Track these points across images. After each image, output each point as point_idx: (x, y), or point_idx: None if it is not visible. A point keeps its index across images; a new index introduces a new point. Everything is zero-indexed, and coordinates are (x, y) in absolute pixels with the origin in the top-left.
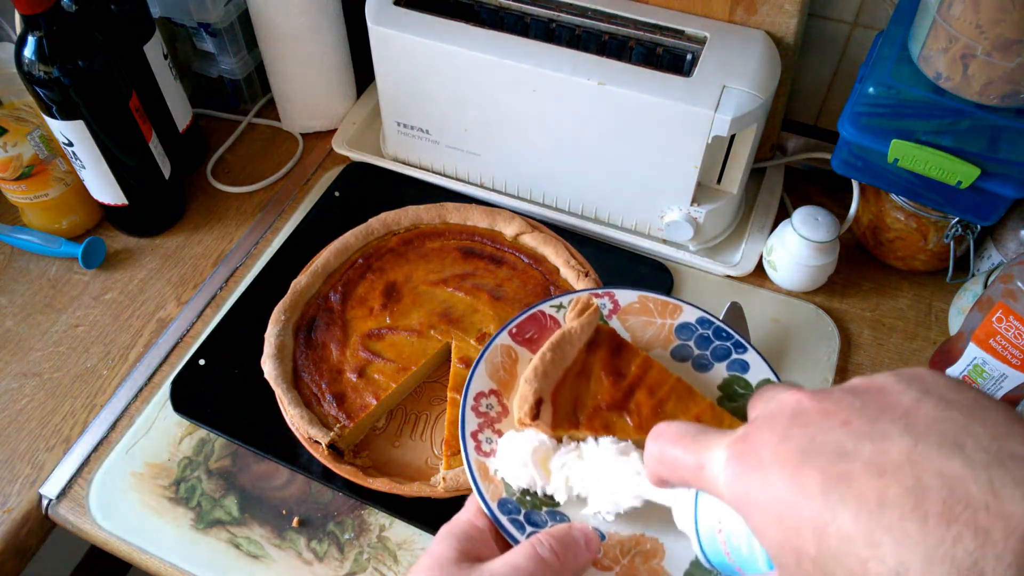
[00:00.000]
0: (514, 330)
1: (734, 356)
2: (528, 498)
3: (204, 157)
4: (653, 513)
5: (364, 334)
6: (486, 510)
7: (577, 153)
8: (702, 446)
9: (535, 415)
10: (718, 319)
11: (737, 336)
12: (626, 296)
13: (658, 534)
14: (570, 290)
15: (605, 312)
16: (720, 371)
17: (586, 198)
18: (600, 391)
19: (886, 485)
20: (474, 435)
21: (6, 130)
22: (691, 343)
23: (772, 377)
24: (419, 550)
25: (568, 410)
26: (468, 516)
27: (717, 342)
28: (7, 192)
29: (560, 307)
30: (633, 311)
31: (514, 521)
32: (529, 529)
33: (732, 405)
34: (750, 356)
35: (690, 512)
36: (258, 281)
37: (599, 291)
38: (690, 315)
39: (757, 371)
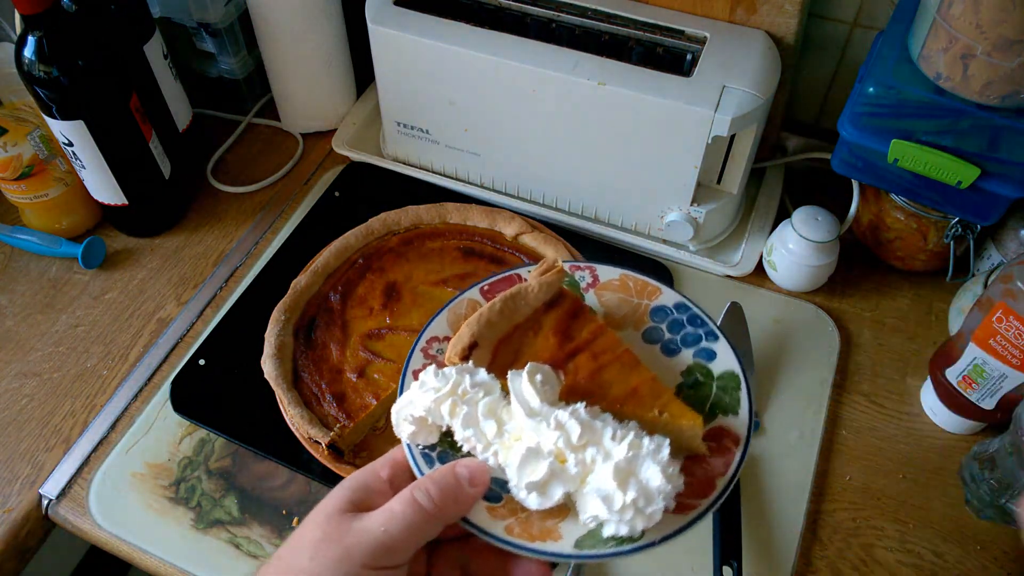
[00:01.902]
0: (486, 287)
1: (703, 344)
2: (448, 439)
3: (204, 157)
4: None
5: (364, 334)
6: (404, 445)
7: (577, 153)
8: None
9: (464, 356)
10: (696, 306)
11: (711, 324)
12: (607, 272)
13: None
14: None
15: (583, 285)
16: (686, 357)
17: (586, 198)
18: (543, 348)
19: None
20: (415, 374)
21: (6, 130)
22: (663, 326)
23: (736, 367)
24: None
25: (506, 362)
26: (374, 465)
27: (689, 328)
28: (7, 192)
29: None
30: (612, 287)
31: (426, 456)
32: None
33: (691, 392)
34: (719, 346)
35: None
36: (258, 281)
37: (581, 263)
38: (668, 299)
39: (723, 360)
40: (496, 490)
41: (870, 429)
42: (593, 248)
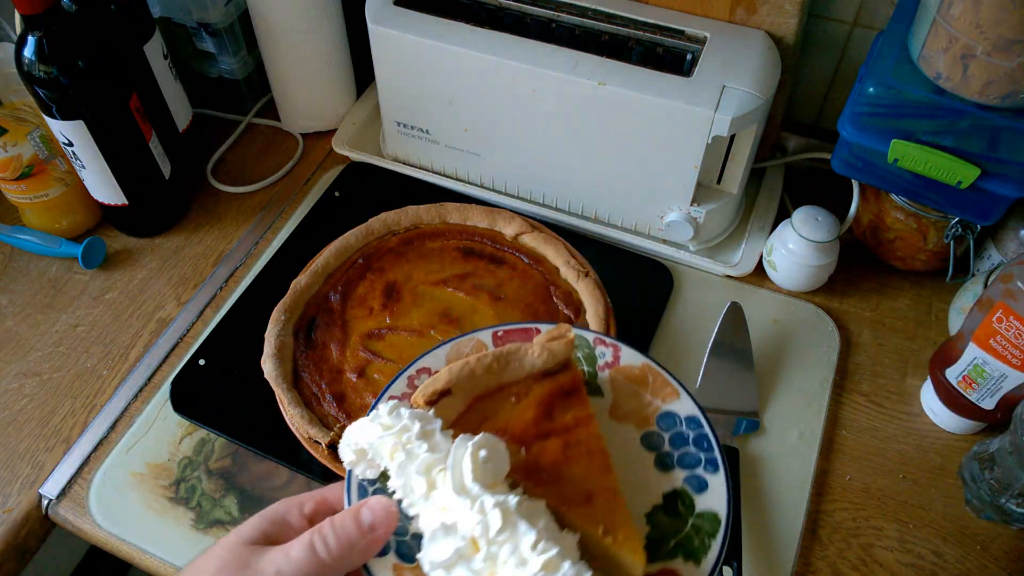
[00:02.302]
0: (500, 333)
1: (699, 471)
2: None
3: (204, 157)
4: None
5: (364, 334)
6: (346, 471)
7: (577, 153)
8: None
9: (432, 401)
10: (709, 425)
11: (716, 452)
12: (631, 356)
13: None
14: (586, 327)
15: (600, 362)
16: (676, 478)
17: (586, 198)
18: (518, 419)
19: None
20: (391, 398)
21: (6, 130)
22: (667, 435)
23: (723, 512)
24: None
25: (476, 420)
26: (301, 498)
27: (692, 448)
28: (7, 192)
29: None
30: (630, 375)
31: (362, 489)
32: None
33: (663, 520)
34: (715, 479)
35: None
36: (258, 281)
37: (608, 340)
38: (682, 407)
39: (713, 498)
40: (412, 549)
41: (870, 429)
42: (593, 248)
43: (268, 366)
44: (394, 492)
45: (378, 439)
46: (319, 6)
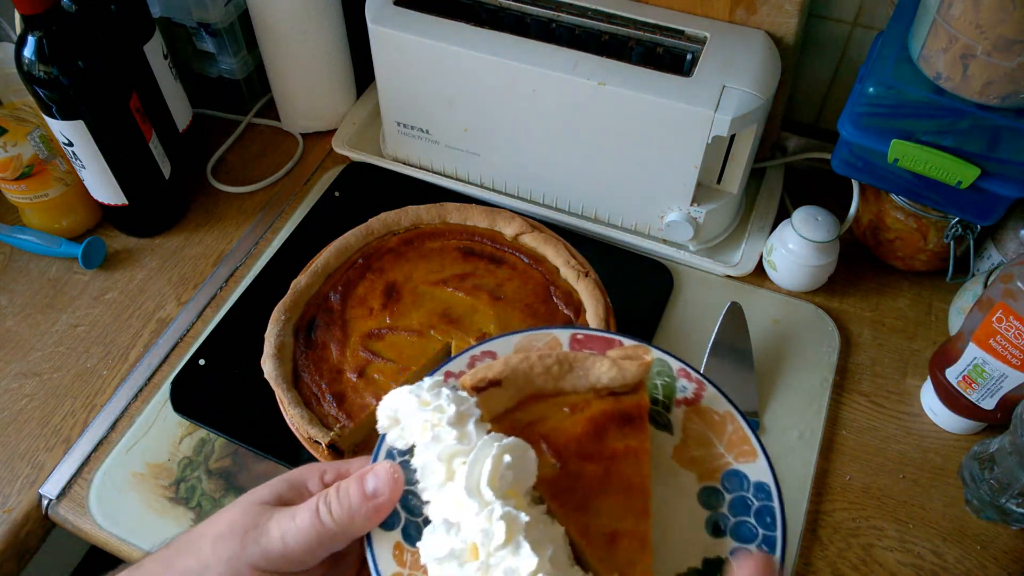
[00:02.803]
0: (580, 336)
1: (751, 547)
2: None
3: (204, 157)
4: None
5: (364, 334)
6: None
7: (577, 153)
8: None
9: (479, 388)
10: (780, 498)
11: (779, 532)
12: (714, 398)
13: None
14: (667, 353)
15: (678, 396)
16: (724, 547)
17: (586, 198)
18: (564, 431)
19: None
20: (447, 374)
21: (6, 130)
22: (728, 497)
23: None
24: None
25: (522, 420)
26: (323, 464)
27: (752, 520)
28: (7, 192)
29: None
30: (707, 418)
31: (390, 456)
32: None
33: None
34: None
35: None
36: (258, 281)
37: (694, 374)
38: (756, 471)
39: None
40: (419, 533)
41: (870, 429)
42: (593, 248)
43: (268, 366)
44: (415, 471)
45: (412, 413)
46: (319, 6)
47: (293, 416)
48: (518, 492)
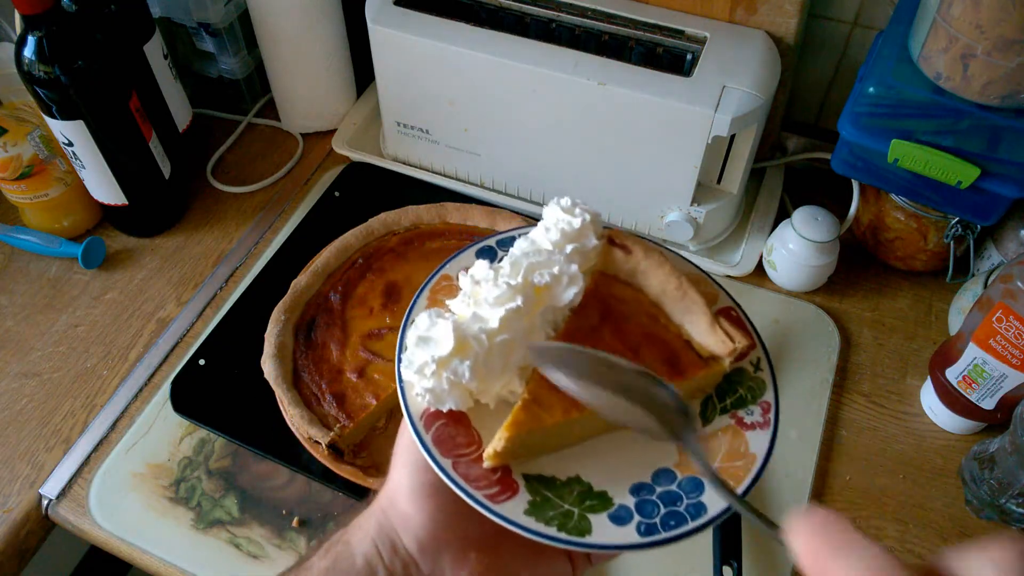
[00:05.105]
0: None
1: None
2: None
3: (204, 157)
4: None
5: (364, 334)
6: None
7: (577, 153)
8: None
9: (612, 241)
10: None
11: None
12: (759, 443)
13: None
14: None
15: (740, 414)
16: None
17: (586, 198)
18: (626, 330)
19: None
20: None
21: (6, 130)
22: (659, 489)
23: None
24: None
25: (596, 308)
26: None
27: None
28: (7, 192)
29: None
30: (734, 450)
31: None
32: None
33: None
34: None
35: None
36: (258, 281)
37: (773, 411)
38: (712, 499)
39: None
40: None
41: (870, 429)
42: None
43: (268, 366)
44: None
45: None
46: (319, 6)
47: (293, 416)
48: (538, 329)
